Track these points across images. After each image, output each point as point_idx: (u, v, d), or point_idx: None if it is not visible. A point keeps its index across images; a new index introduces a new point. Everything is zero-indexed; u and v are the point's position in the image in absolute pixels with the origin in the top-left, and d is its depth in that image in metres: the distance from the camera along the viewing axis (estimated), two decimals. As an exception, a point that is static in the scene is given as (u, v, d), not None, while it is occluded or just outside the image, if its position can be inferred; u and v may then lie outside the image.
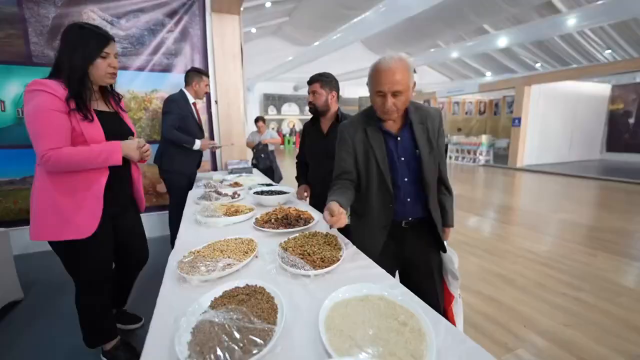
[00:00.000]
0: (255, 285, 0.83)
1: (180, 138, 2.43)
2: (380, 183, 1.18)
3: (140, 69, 3.05)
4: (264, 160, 4.47)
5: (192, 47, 3.20)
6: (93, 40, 1.24)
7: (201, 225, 1.36)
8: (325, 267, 0.92)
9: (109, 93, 1.41)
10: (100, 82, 1.30)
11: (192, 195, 1.97)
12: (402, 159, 1.19)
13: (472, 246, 3.30)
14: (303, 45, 14.29)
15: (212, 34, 3.16)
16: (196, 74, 2.53)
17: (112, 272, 1.50)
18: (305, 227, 1.28)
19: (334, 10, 13.11)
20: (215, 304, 0.75)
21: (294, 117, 19.04)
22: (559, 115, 9.56)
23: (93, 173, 1.26)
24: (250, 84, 17.70)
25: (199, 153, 2.68)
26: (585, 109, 10.06)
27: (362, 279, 0.88)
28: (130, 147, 1.32)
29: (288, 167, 3.96)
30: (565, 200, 5.51)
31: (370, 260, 1.01)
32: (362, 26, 8.64)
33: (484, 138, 10.11)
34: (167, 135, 2.38)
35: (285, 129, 18.76)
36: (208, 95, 3.30)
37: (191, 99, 2.55)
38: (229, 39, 3.21)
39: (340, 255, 1.00)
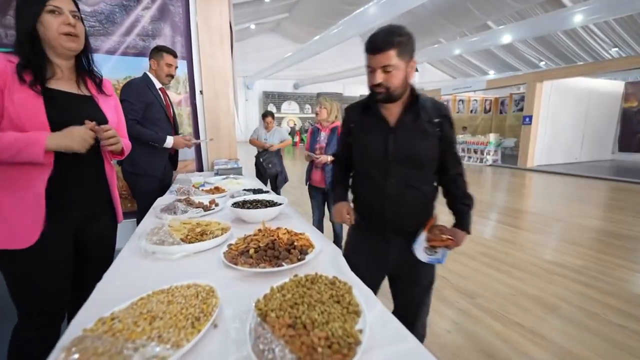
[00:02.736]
0: None
1: (144, 134, 1.97)
2: None
3: (111, 52, 2.58)
4: (272, 169, 3.79)
5: (173, 28, 2.74)
6: None
7: (147, 258, 0.92)
8: (336, 365, 0.48)
9: (85, 73, 1.16)
10: (56, 46, 1.04)
11: (158, 205, 1.53)
12: None
13: (496, 259, 2.87)
14: (303, 43, 13.84)
15: (196, 12, 2.72)
16: (155, 52, 2.07)
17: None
18: (300, 262, 0.84)
19: (335, 6, 12.67)
20: None
21: (294, 115, 18.67)
22: (570, 113, 9.10)
23: (28, 168, 0.97)
24: (249, 82, 17.32)
25: (173, 151, 2.23)
26: (598, 107, 9.58)
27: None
28: (68, 135, 0.97)
29: (287, 168, 3.58)
30: (586, 204, 5.08)
31: (416, 341, 0.57)
32: (361, 20, 8.23)
33: (492, 137, 9.65)
34: (129, 131, 1.94)
35: (285, 128, 18.37)
36: (192, 84, 2.86)
37: (157, 84, 2.10)
38: (215, 19, 2.76)
39: (361, 331, 0.56)
